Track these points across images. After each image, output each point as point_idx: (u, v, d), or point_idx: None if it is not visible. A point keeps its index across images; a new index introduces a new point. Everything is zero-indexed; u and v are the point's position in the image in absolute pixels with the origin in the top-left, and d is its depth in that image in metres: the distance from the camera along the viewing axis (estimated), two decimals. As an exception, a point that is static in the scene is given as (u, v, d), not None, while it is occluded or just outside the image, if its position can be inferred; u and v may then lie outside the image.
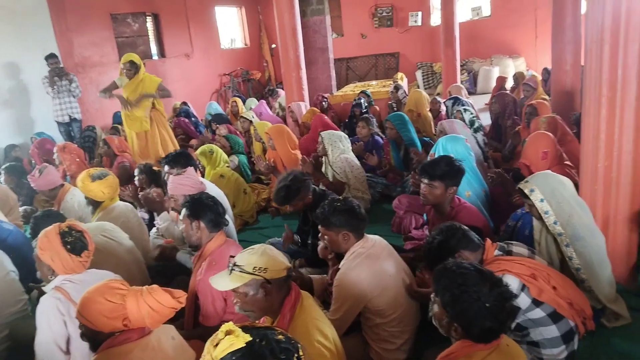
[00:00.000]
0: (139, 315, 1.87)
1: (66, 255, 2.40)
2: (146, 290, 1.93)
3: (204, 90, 11.90)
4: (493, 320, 1.60)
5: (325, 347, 1.91)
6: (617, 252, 2.87)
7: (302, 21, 8.54)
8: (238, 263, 1.95)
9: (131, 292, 1.92)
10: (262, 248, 2.01)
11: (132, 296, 1.89)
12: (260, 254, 1.96)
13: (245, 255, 1.98)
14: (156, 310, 1.89)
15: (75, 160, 5.61)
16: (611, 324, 2.61)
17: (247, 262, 1.94)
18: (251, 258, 1.95)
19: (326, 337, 1.95)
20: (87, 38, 8.68)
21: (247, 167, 5.85)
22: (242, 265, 1.93)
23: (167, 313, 1.92)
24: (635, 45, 2.53)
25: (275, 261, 1.96)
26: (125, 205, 3.77)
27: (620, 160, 2.73)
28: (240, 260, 1.96)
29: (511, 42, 12.08)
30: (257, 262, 1.93)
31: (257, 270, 1.91)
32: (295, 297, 2.01)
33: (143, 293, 1.92)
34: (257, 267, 1.92)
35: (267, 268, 1.92)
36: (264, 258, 1.94)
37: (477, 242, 2.28)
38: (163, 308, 1.90)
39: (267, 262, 1.93)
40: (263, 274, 1.91)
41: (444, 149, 3.58)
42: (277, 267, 1.95)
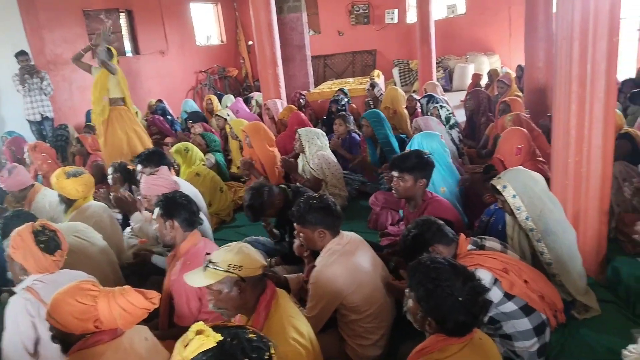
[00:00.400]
0: (110, 316, 1.84)
1: (40, 254, 2.37)
2: (118, 291, 1.90)
3: (180, 87, 11.77)
4: (466, 314, 1.62)
5: (301, 344, 1.91)
6: (587, 246, 2.93)
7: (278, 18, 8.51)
8: (213, 260, 1.94)
9: (103, 293, 1.88)
10: (238, 246, 2.00)
11: (104, 297, 1.86)
12: (235, 252, 1.95)
13: (220, 252, 1.97)
14: (128, 312, 1.85)
15: (46, 160, 5.50)
16: (581, 315, 2.66)
17: (222, 259, 1.93)
18: (226, 255, 1.94)
19: (302, 334, 1.95)
20: (59, 35, 8.50)
21: (224, 165, 5.80)
22: (217, 263, 1.92)
23: (140, 314, 1.89)
24: (604, 42, 2.58)
25: (251, 259, 1.95)
26: (98, 205, 3.70)
27: (590, 155, 2.77)
28: (215, 257, 1.95)
29: (486, 39, 12.24)
30: (232, 260, 1.92)
31: (231, 268, 1.90)
32: (270, 295, 2.00)
33: (115, 294, 1.88)
34: (231, 264, 1.91)
35: (242, 266, 1.91)
36: (239, 256, 1.94)
37: (451, 236, 2.31)
38: (135, 309, 1.86)
39: (242, 260, 1.92)
40: (238, 272, 1.90)
41: (420, 145, 3.61)
42: (252, 265, 1.94)
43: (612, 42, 2.59)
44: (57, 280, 2.31)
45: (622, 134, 3.69)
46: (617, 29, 2.62)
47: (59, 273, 2.44)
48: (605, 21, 2.55)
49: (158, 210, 2.68)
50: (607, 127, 2.74)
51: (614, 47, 2.62)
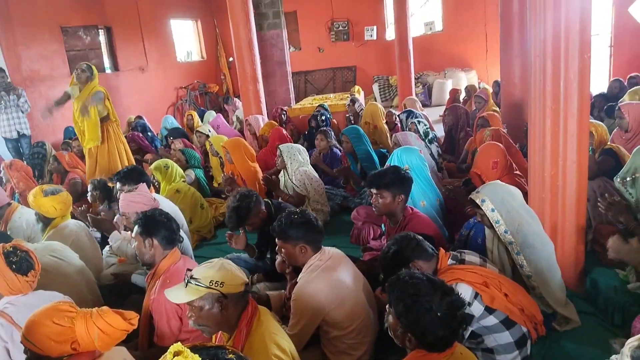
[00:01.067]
0: (88, 338, 1.80)
1: (12, 275, 2.33)
2: (96, 312, 1.86)
3: (160, 103, 11.71)
4: (445, 328, 1.63)
5: None
6: (565, 258, 2.97)
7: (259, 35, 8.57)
8: (195, 276, 1.93)
9: (80, 314, 1.85)
10: (220, 262, 1.99)
11: (81, 318, 1.82)
12: (217, 268, 1.95)
13: (202, 268, 1.96)
14: (106, 333, 1.82)
15: (23, 178, 5.41)
16: (562, 327, 2.69)
17: (204, 275, 1.92)
18: (208, 272, 1.93)
19: (284, 351, 1.94)
20: (36, 51, 8.40)
21: (205, 182, 5.77)
22: (199, 279, 1.91)
23: (118, 335, 1.86)
24: (575, 59, 2.65)
25: (233, 276, 1.94)
26: (76, 224, 3.65)
27: (565, 169, 2.83)
28: (197, 273, 1.94)
29: (463, 55, 12.46)
30: (214, 276, 1.91)
31: (213, 284, 1.90)
32: (252, 312, 2.00)
33: (92, 315, 1.84)
34: (213, 280, 1.90)
35: (223, 282, 1.90)
36: (221, 272, 1.93)
37: (431, 251, 2.32)
38: (113, 330, 1.83)
39: (224, 277, 1.92)
40: (219, 288, 1.90)
41: (399, 160, 3.65)
42: (234, 281, 1.93)
43: (583, 59, 2.66)
44: (31, 302, 2.27)
45: (607, 150, 3.73)
46: (588, 46, 2.70)
47: (32, 294, 2.39)
48: (576, 39, 2.63)
49: (137, 229, 2.64)
50: (581, 141, 2.80)
51: (586, 64, 2.69)
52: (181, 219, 3.91)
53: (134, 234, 2.67)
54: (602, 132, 3.93)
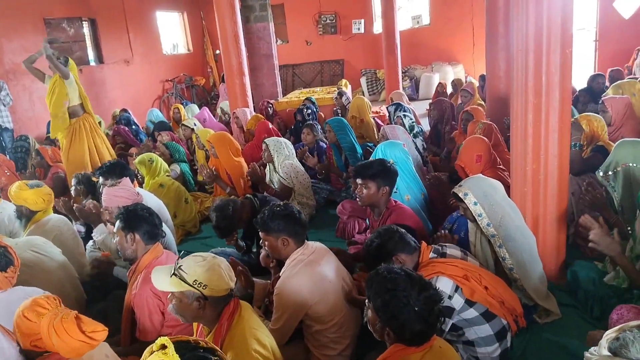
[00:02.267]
0: (48, 340, 1.78)
1: None
2: (62, 315, 1.82)
3: (145, 96, 11.60)
4: (423, 323, 1.64)
5: (263, 355, 1.91)
6: (547, 251, 3.01)
7: (245, 27, 8.52)
8: (183, 269, 1.92)
9: (51, 313, 1.83)
10: (212, 262, 1.97)
11: (48, 318, 1.80)
12: (206, 269, 1.93)
13: (192, 263, 1.95)
14: (62, 339, 1.77)
15: (5, 173, 5.33)
16: (543, 320, 2.73)
17: (192, 272, 1.91)
18: (197, 270, 1.92)
19: (264, 346, 1.94)
20: (19, 43, 8.26)
21: (190, 176, 5.73)
22: (185, 273, 1.91)
23: (76, 346, 1.79)
24: (557, 53, 2.67)
25: (219, 281, 1.93)
26: (59, 218, 3.62)
27: (547, 162, 2.86)
28: (186, 266, 1.93)
29: (450, 49, 12.50)
30: (200, 276, 1.91)
31: (196, 284, 1.90)
32: (233, 308, 2.00)
33: (57, 318, 1.81)
34: (197, 280, 1.90)
35: (207, 285, 1.90)
36: (208, 274, 1.92)
37: (414, 245, 2.33)
38: (69, 339, 1.78)
39: (209, 279, 1.91)
40: (201, 289, 1.90)
41: (383, 154, 3.66)
42: (218, 286, 1.93)
43: (565, 54, 2.68)
44: (10, 299, 2.24)
45: (598, 147, 3.73)
46: (570, 41, 2.72)
47: (11, 291, 2.36)
48: (558, 34, 2.64)
49: (119, 224, 2.63)
50: (563, 135, 2.83)
51: (568, 58, 2.71)
52: (165, 214, 3.90)
53: (115, 228, 2.65)
54: (597, 127, 3.82)
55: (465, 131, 5.04)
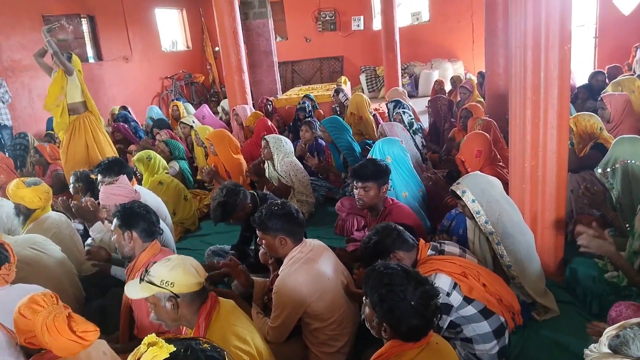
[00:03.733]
0: (41, 337, 1.79)
1: None
2: (55, 314, 1.83)
3: (145, 94, 11.59)
4: (419, 318, 1.64)
5: (244, 351, 1.91)
6: (545, 248, 3.01)
7: (244, 24, 8.50)
8: (150, 272, 1.95)
9: (45, 312, 1.83)
10: (176, 261, 1.98)
11: (43, 316, 1.81)
12: (171, 268, 1.94)
13: (158, 266, 1.97)
14: (54, 338, 1.79)
15: (4, 170, 5.33)
16: (541, 317, 2.73)
17: (157, 273, 1.93)
18: (161, 270, 1.93)
19: (244, 341, 1.94)
20: (17, 40, 8.25)
21: (189, 173, 5.73)
22: (152, 277, 1.93)
23: (67, 345, 1.80)
24: (555, 50, 2.66)
25: (185, 276, 1.93)
26: (57, 216, 3.61)
27: (545, 159, 2.85)
28: (152, 270, 1.95)
29: (449, 46, 12.48)
30: (166, 276, 1.92)
31: (164, 284, 1.91)
32: (210, 306, 1.99)
33: (50, 317, 1.82)
34: (164, 280, 1.91)
35: (174, 283, 1.91)
36: (174, 272, 1.92)
37: (412, 242, 2.33)
38: (60, 337, 1.79)
39: (174, 277, 1.91)
40: (170, 288, 1.91)
41: (381, 151, 3.66)
42: (185, 282, 1.93)
43: (563, 50, 2.67)
44: (8, 296, 2.24)
45: (597, 144, 3.72)
46: (569, 37, 2.71)
47: (10, 288, 2.36)
48: (557, 30, 2.64)
49: (116, 221, 2.62)
50: (561, 132, 2.82)
51: (566, 55, 2.70)
52: (164, 211, 3.89)
53: (112, 226, 2.64)
54: (587, 125, 3.83)
55: (464, 128, 5.04)
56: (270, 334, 2.43)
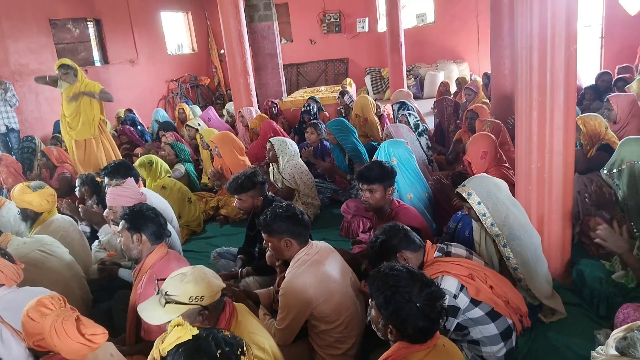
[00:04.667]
0: (50, 340, 1.80)
1: (9, 264, 2.37)
2: (63, 317, 1.84)
3: (150, 97, 11.64)
4: (425, 319, 1.64)
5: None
6: (552, 249, 2.99)
7: (249, 27, 8.51)
8: (171, 293, 1.87)
9: (53, 315, 1.84)
10: (194, 274, 1.93)
11: (51, 319, 1.82)
12: (194, 282, 1.89)
13: (178, 283, 1.90)
14: (62, 341, 1.79)
15: (12, 174, 5.37)
16: (548, 319, 2.72)
17: (182, 292, 1.87)
18: (186, 287, 1.87)
19: (263, 350, 1.93)
20: (24, 44, 8.32)
21: (195, 176, 5.75)
22: (176, 296, 1.86)
23: (75, 347, 1.80)
24: (561, 51, 2.66)
25: (211, 287, 1.91)
26: (64, 218, 3.63)
27: (551, 161, 2.84)
28: (173, 289, 1.88)
29: (455, 47, 12.45)
30: (193, 291, 1.86)
31: (193, 300, 1.86)
32: (230, 313, 1.98)
33: (59, 319, 1.82)
34: (193, 296, 1.86)
35: (203, 296, 1.87)
36: (200, 285, 1.88)
37: (419, 243, 2.33)
38: (69, 340, 1.79)
39: (203, 290, 1.88)
40: (200, 303, 1.87)
41: (386, 152, 3.65)
42: (212, 292, 1.90)
43: (569, 51, 2.66)
44: (17, 299, 2.26)
45: (603, 145, 3.71)
46: (575, 38, 2.70)
47: (18, 290, 2.38)
48: (563, 31, 2.63)
49: (124, 224, 2.63)
50: (568, 133, 2.81)
51: (572, 55, 2.69)
52: (170, 214, 3.91)
53: (120, 228, 2.65)
54: (595, 125, 3.83)
55: (470, 130, 5.03)
56: (276, 336, 2.43)
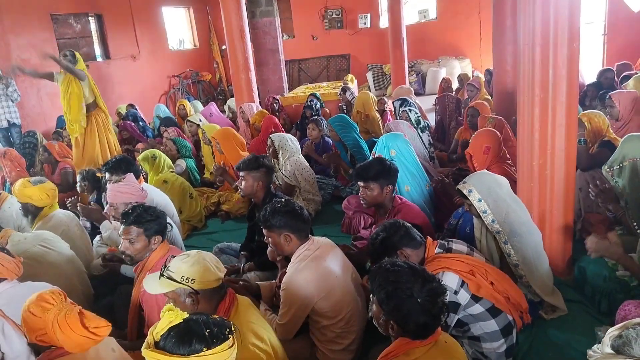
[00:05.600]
0: (53, 335, 1.81)
1: (10, 258, 2.39)
2: (66, 310, 1.85)
3: (152, 92, 11.63)
4: (426, 315, 1.64)
5: (261, 349, 1.91)
6: (553, 246, 2.99)
7: (251, 22, 8.51)
8: (170, 268, 1.96)
9: (56, 308, 1.85)
10: (196, 257, 2.00)
11: (53, 314, 1.83)
12: (191, 264, 1.96)
13: (178, 261, 1.99)
14: (66, 334, 1.80)
15: (15, 168, 5.38)
16: (549, 316, 2.72)
17: (177, 269, 1.95)
18: (182, 266, 1.95)
19: (262, 339, 1.95)
20: (26, 39, 8.30)
21: (196, 171, 5.75)
22: (172, 272, 1.95)
23: (80, 341, 1.82)
24: (564, 47, 2.65)
25: (206, 272, 1.95)
26: (65, 213, 3.64)
27: (553, 157, 2.84)
28: (172, 265, 1.97)
29: (457, 43, 12.42)
30: (186, 272, 1.94)
31: (184, 280, 1.93)
32: (229, 302, 2.01)
33: (61, 313, 1.83)
34: (184, 276, 1.93)
35: (194, 279, 1.93)
36: (194, 268, 1.94)
37: (419, 239, 2.33)
38: (73, 334, 1.81)
39: (195, 273, 1.93)
40: (190, 284, 1.93)
41: (385, 145, 3.66)
42: (206, 278, 1.95)
43: (572, 48, 2.65)
44: (18, 294, 2.27)
45: (605, 142, 3.71)
46: (577, 35, 2.69)
47: (19, 285, 2.39)
48: (565, 27, 2.62)
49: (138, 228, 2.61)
50: (570, 130, 2.80)
51: (575, 52, 2.69)
52: (171, 209, 3.91)
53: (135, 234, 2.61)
54: (599, 122, 3.81)
55: (471, 127, 5.02)
56: (278, 331, 2.43)
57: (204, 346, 1.41)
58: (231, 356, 1.46)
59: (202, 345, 1.41)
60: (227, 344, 1.44)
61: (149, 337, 1.46)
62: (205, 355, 1.40)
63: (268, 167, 3.44)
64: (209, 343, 1.41)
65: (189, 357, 1.39)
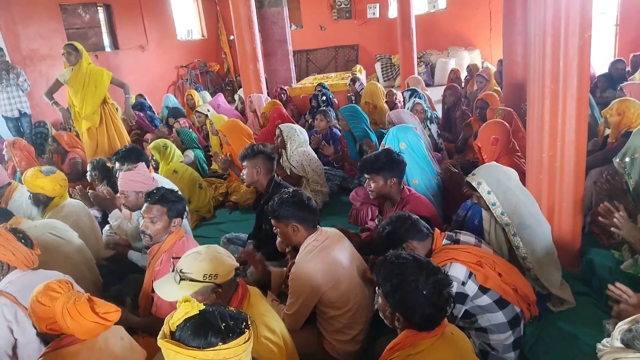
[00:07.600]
0: (63, 323, 1.83)
1: (25, 248, 2.41)
2: (75, 298, 1.86)
3: (160, 82, 11.65)
4: (432, 307, 1.64)
5: (273, 342, 1.92)
6: (562, 238, 2.97)
7: (259, 12, 8.47)
8: (186, 271, 1.92)
9: (64, 296, 1.86)
10: (209, 252, 1.98)
11: (62, 302, 1.84)
12: (208, 260, 1.94)
13: (192, 261, 1.95)
14: (76, 321, 1.82)
15: (25, 157, 5.42)
16: (557, 308, 2.70)
17: (196, 269, 1.92)
18: (200, 265, 1.92)
19: (274, 332, 1.96)
20: (35, 30, 8.32)
21: (204, 162, 5.77)
22: (191, 273, 1.91)
23: (90, 327, 1.84)
24: (575, 38, 2.61)
25: (224, 265, 1.95)
26: (76, 203, 3.67)
27: (563, 149, 2.81)
28: (187, 267, 1.93)
29: (466, 34, 12.32)
30: (207, 269, 1.91)
31: (207, 278, 1.91)
32: (242, 294, 2.01)
33: (71, 301, 1.85)
34: (207, 274, 1.91)
35: (217, 274, 1.91)
36: (213, 264, 1.93)
37: (426, 231, 2.33)
38: (84, 320, 1.82)
39: (216, 268, 1.92)
40: (214, 280, 1.91)
41: (395, 137, 3.64)
42: (226, 270, 1.95)
43: (584, 38, 2.62)
44: (34, 280, 2.29)
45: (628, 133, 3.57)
46: (589, 25, 2.65)
47: (35, 273, 2.43)
48: (577, 18, 2.58)
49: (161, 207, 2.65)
50: (580, 122, 2.77)
51: (586, 43, 2.65)
52: (181, 198, 3.93)
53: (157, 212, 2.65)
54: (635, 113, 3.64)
55: (480, 119, 4.98)
56: (285, 321, 2.44)
57: (220, 340, 1.38)
58: (247, 350, 1.43)
59: (217, 338, 1.38)
60: (242, 338, 1.41)
61: (165, 326, 1.44)
62: (220, 349, 1.38)
63: (266, 154, 3.46)
64: (224, 337, 1.39)
65: (203, 351, 1.37)
